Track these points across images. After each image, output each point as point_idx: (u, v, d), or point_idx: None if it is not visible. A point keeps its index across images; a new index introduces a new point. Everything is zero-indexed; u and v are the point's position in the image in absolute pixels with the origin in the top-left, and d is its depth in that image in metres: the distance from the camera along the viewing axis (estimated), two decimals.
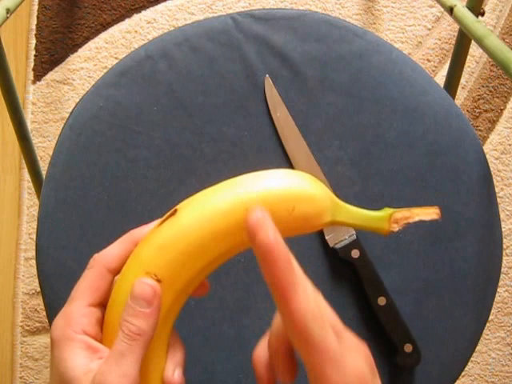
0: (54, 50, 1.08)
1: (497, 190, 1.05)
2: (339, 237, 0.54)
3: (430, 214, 0.34)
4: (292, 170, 0.36)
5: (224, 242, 0.33)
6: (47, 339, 1.01)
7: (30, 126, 1.05)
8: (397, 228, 0.34)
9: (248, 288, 0.55)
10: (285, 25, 0.59)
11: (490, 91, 1.09)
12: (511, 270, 1.05)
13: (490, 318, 1.04)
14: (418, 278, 0.55)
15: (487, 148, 1.08)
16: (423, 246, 0.56)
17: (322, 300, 0.31)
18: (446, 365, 0.55)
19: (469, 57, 0.92)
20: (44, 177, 0.57)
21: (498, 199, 0.96)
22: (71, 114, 0.58)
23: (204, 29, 0.59)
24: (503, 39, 1.12)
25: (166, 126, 0.57)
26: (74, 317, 0.33)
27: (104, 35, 1.09)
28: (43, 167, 0.93)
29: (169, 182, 0.56)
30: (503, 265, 1.04)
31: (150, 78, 0.58)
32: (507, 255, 1.06)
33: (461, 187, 0.57)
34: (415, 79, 0.59)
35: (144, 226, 0.36)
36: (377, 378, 0.32)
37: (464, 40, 0.82)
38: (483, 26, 0.64)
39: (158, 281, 0.32)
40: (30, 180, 0.96)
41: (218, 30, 0.59)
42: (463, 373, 0.98)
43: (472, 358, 0.88)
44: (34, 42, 1.08)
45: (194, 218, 0.32)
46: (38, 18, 1.09)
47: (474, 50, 1.09)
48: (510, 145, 1.08)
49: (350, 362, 0.29)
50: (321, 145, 0.57)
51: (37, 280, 0.57)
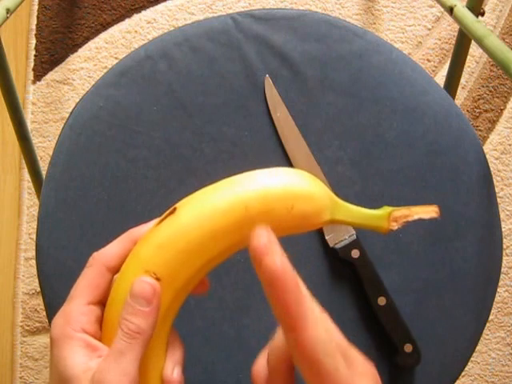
0: (53, 50, 1.08)
1: (497, 190, 1.05)
2: (339, 237, 0.54)
3: (429, 212, 0.34)
4: (291, 168, 0.36)
5: (223, 241, 0.32)
6: (47, 339, 1.01)
7: (30, 125, 1.05)
8: (396, 226, 0.34)
9: (248, 288, 0.55)
10: (285, 25, 0.59)
11: (490, 91, 1.09)
12: (511, 270, 1.05)
13: (490, 318, 1.04)
14: (417, 277, 0.55)
15: (487, 148, 1.08)
16: (423, 246, 0.56)
17: (328, 320, 0.30)
18: (446, 365, 0.55)
19: (469, 57, 0.92)
20: (44, 177, 0.57)
21: (498, 199, 0.96)
22: (71, 114, 0.58)
23: (204, 29, 0.59)
24: (503, 39, 1.12)
25: (166, 126, 0.57)
26: (73, 315, 0.33)
27: (104, 35, 1.09)
28: (43, 167, 0.93)
29: (169, 182, 0.56)
30: (503, 265, 1.04)
31: (150, 77, 0.58)
32: (507, 255, 1.06)
33: (461, 187, 0.57)
34: (415, 79, 0.59)
35: (143, 224, 0.36)
36: None
37: (464, 40, 0.82)
38: (483, 26, 0.64)
39: (158, 279, 0.32)
40: (29, 180, 0.96)
41: (218, 30, 0.59)
42: (463, 373, 0.98)
43: (472, 358, 0.88)
44: (33, 42, 1.08)
45: (193, 217, 0.32)
46: (38, 18, 1.09)
47: (474, 50, 1.09)
48: (510, 145, 1.08)
49: None
50: (321, 145, 0.57)
51: (37, 280, 0.57)
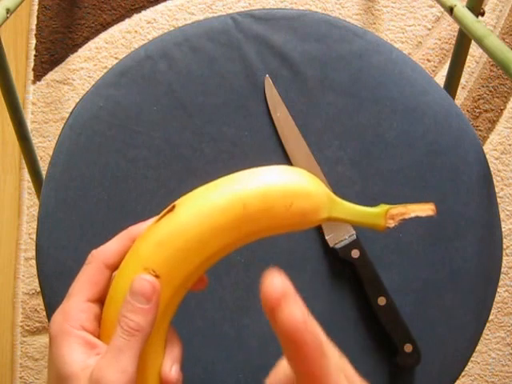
0: (53, 50, 1.08)
1: (497, 190, 1.05)
2: (339, 237, 0.54)
3: (426, 210, 0.34)
4: (289, 166, 0.36)
5: (222, 238, 0.33)
6: (47, 339, 1.01)
7: (30, 126, 1.05)
8: (393, 224, 0.34)
9: (248, 288, 0.55)
10: (285, 25, 0.59)
11: (490, 91, 1.09)
12: (511, 270, 1.05)
13: (490, 318, 1.04)
14: (417, 277, 0.55)
15: (487, 148, 1.08)
16: (423, 246, 0.56)
17: (347, 364, 0.28)
18: (446, 365, 0.55)
19: (469, 57, 0.92)
20: (44, 177, 0.57)
21: (498, 199, 0.96)
22: (71, 114, 0.58)
23: (204, 29, 0.59)
24: (503, 39, 1.12)
25: (166, 126, 0.57)
26: (72, 312, 0.33)
27: (104, 35, 1.09)
28: (43, 167, 0.93)
29: (169, 182, 0.56)
30: (503, 265, 1.04)
31: (150, 77, 0.58)
32: (507, 255, 1.06)
33: (461, 187, 0.57)
34: (415, 79, 0.59)
35: (142, 222, 0.36)
36: None
37: (464, 40, 0.82)
38: (483, 26, 0.64)
39: (157, 277, 0.32)
40: (30, 180, 0.96)
41: (218, 30, 0.59)
42: (463, 373, 0.98)
43: (472, 358, 0.88)
44: (33, 42, 1.08)
45: (192, 215, 0.32)
46: (38, 18, 1.09)
47: (474, 50, 1.09)
48: (510, 145, 1.08)
49: None
50: (321, 145, 0.57)
51: (37, 280, 0.57)
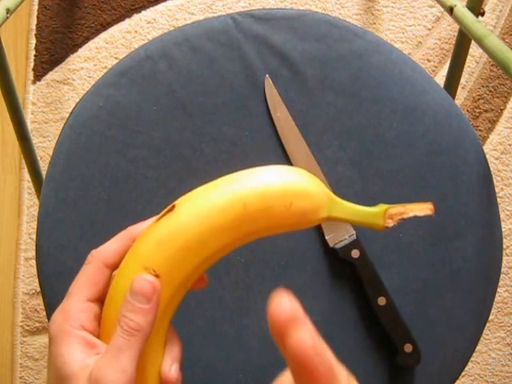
0: (53, 50, 1.08)
1: (497, 190, 1.05)
2: (339, 237, 0.54)
3: (424, 209, 0.34)
4: (288, 166, 0.36)
5: (222, 238, 0.33)
6: (47, 339, 1.01)
7: (30, 126, 1.05)
8: (391, 223, 0.34)
9: (248, 288, 0.55)
10: (285, 25, 0.59)
11: (490, 91, 1.09)
12: (511, 270, 1.05)
13: (490, 318, 1.04)
14: (417, 277, 0.55)
15: (487, 148, 1.08)
16: (423, 246, 0.56)
17: (353, 381, 0.28)
18: (446, 365, 0.55)
19: (469, 57, 0.92)
20: (44, 177, 0.57)
21: (498, 199, 0.96)
22: (71, 113, 0.58)
23: (204, 29, 0.59)
24: (503, 39, 1.12)
25: (166, 126, 0.57)
26: (71, 312, 0.33)
27: (104, 35, 1.09)
28: (43, 167, 0.93)
29: (169, 182, 0.56)
30: (503, 265, 1.04)
31: (150, 78, 0.58)
32: (507, 255, 1.06)
33: (461, 187, 0.57)
34: (415, 79, 0.59)
35: (141, 222, 0.36)
36: None
37: (464, 40, 0.82)
38: (483, 26, 0.64)
39: (157, 276, 0.32)
40: (30, 180, 0.96)
41: (218, 30, 0.59)
42: (463, 373, 0.98)
43: (472, 358, 0.88)
44: (33, 42, 1.08)
45: (191, 214, 0.33)
46: (38, 18, 1.09)
47: (474, 50, 1.09)
48: (510, 145, 1.08)
49: None
50: (321, 145, 0.57)
51: (37, 280, 0.57)
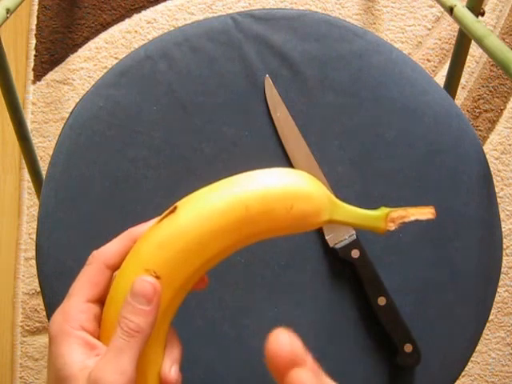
0: (53, 50, 1.08)
1: (497, 190, 1.05)
2: (339, 237, 0.54)
3: (426, 213, 0.34)
4: (290, 168, 0.37)
5: (223, 240, 0.33)
6: (47, 339, 1.01)
7: (30, 125, 1.05)
8: (393, 227, 0.35)
9: (248, 288, 0.55)
10: (285, 25, 0.59)
11: (490, 91, 1.09)
12: (511, 270, 1.05)
13: (490, 318, 1.04)
14: (417, 277, 0.55)
15: (487, 148, 1.08)
16: (423, 246, 0.56)
17: None
18: (446, 365, 0.55)
19: (469, 57, 0.91)
20: (44, 177, 0.57)
21: (498, 199, 0.96)
22: (71, 113, 0.58)
23: (204, 29, 0.59)
24: (503, 39, 1.12)
25: (166, 126, 0.57)
26: (72, 312, 0.33)
27: (104, 35, 1.09)
28: (43, 167, 0.93)
29: (169, 182, 0.56)
30: (503, 265, 1.04)
31: (150, 77, 0.58)
32: (507, 255, 1.06)
33: (461, 187, 0.57)
34: (415, 79, 0.59)
35: (143, 223, 0.36)
36: None
37: (464, 40, 0.82)
38: (483, 26, 0.64)
39: (158, 278, 0.32)
40: (30, 180, 0.96)
41: (218, 30, 0.59)
42: (463, 373, 0.98)
43: (472, 358, 0.88)
44: (33, 42, 1.08)
45: (193, 216, 0.33)
46: (38, 17, 1.09)
47: (474, 50, 1.09)
48: (510, 145, 1.08)
49: None
50: (321, 145, 0.57)
51: (37, 280, 0.57)
